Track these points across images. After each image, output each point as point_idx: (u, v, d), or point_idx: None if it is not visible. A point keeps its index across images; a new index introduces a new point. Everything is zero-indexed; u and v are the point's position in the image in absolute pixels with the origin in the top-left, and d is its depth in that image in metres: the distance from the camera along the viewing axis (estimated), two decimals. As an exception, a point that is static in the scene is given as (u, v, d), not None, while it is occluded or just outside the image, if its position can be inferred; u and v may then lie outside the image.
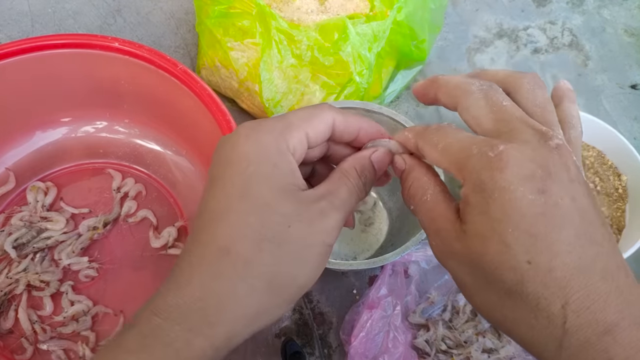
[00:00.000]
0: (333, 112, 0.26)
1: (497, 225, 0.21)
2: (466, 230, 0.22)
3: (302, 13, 0.53)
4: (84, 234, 0.51)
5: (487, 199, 0.21)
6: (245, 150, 0.24)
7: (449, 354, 0.49)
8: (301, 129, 0.25)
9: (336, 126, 0.27)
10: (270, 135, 0.24)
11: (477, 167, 0.22)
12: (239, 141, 0.24)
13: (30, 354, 0.46)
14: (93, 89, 0.52)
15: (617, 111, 0.69)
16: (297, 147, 0.25)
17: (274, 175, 0.24)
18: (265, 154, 0.24)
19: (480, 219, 0.21)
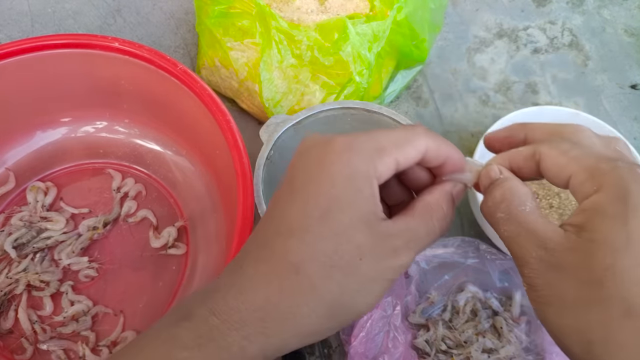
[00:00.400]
0: (427, 139, 0.25)
1: (636, 239, 0.20)
2: (592, 240, 0.21)
3: (302, 13, 0.53)
4: (84, 234, 0.51)
5: (629, 211, 0.21)
6: (334, 170, 0.24)
7: (449, 354, 0.49)
8: (392, 155, 0.24)
9: (427, 153, 0.25)
10: (360, 157, 0.24)
11: (625, 178, 0.21)
12: (329, 158, 0.24)
13: (30, 354, 0.46)
14: (93, 89, 0.52)
15: (617, 111, 0.69)
16: (384, 173, 0.24)
17: (356, 202, 0.23)
18: (352, 178, 0.23)
19: (618, 229, 0.21)
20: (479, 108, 0.67)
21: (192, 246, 0.52)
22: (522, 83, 0.70)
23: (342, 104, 0.48)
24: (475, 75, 0.70)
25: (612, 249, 0.21)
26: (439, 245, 0.50)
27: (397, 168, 0.25)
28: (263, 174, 0.44)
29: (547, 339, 0.48)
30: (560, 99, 0.69)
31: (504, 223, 0.24)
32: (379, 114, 0.48)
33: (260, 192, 0.43)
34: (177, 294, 0.49)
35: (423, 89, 0.68)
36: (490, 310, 0.51)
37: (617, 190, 0.21)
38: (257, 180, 0.44)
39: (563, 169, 0.24)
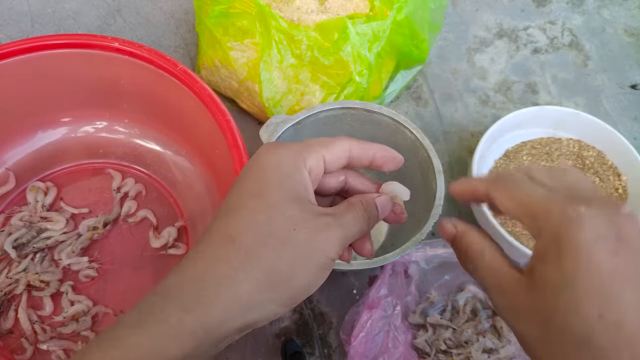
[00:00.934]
0: (350, 141, 0.29)
1: (572, 279, 0.22)
2: (537, 283, 0.24)
3: (302, 13, 0.53)
4: (84, 234, 0.51)
5: (564, 254, 0.23)
6: (264, 160, 0.27)
7: (449, 354, 0.49)
8: (319, 152, 0.27)
9: (353, 152, 0.29)
10: (289, 151, 0.27)
11: (557, 223, 0.24)
12: (260, 154, 0.27)
13: (30, 354, 0.46)
14: (93, 89, 0.52)
15: (617, 111, 0.69)
16: (314, 167, 0.27)
17: (286, 183, 0.26)
18: (282, 165, 0.26)
19: (555, 271, 0.23)
20: (479, 108, 0.67)
21: (192, 246, 0.52)
22: (522, 83, 0.70)
23: (342, 104, 0.48)
24: (475, 75, 0.70)
25: (553, 292, 0.23)
26: (439, 245, 0.50)
27: (327, 164, 0.28)
28: (263, 174, 0.44)
29: (547, 339, 0.48)
30: (560, 99, 0.69)
31: (474, 272, 0.27)
32: (379, 114, 0.48)
33: (260, 192, 0.43)
34: (177, 294, 0.49)
35: (423, 89, 0.68)
36: (490, 310, 0.51)
37: (551, 237, 0.24)
38: (257, 180, 0.43)
39: (512, 213, 0.26)
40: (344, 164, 0.29)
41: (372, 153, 0.29)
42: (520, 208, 0.26)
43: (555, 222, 0.24)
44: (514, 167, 0.60)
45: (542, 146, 0.61)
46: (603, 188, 0.59)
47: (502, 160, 0.61)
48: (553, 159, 0.60)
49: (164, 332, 0.23)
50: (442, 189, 0.44)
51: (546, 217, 0.24)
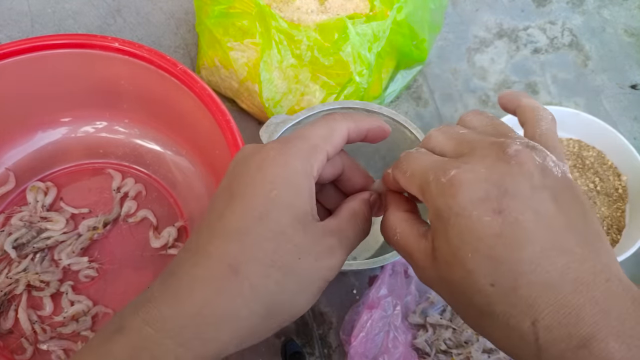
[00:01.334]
0: (347, 122, 0.27)
1: (457, 251, 0.21)
2: (436, 257, 0.23)
3: (302, 13, 0.53)
4: (84, 234, 0.51)
5: (445, 225, 0.22)
6: (272, 172, 0.24)
7: (449, 354, 0.49)
8: (324, 150, 0.25)
9: (350, 135, 0.27)
10: (297, 158, 0.24)
11: (434, 194, 0.23)
12: (266, 163, 0.24)
13: (30, 354, 0.46)
14: (93, 89, 0.52)
15: (617, 111, 0.69)
16: (319, 168, 0.25)
17: (295, 203, 0.24)
18: (291, 178, 0.24)
19: (443, 245, 0.22)
20: (479, 108, 0.67)
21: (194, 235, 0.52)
22: (522, 83, 0.70)
23: (342, 104, 0.48)
24: (475, 75, 0.70)
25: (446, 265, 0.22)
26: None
27: (328, 159, 0.26)
28: (263, 174, 0.44)
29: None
30: (560, 99, 0.69)
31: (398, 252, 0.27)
32: (379, 114, 0.48)
33: (260, 192, 0.43)
34: (177, 294, 0.49)
35: (423, 89, 0.68)
36: (490, 310, 0.51)
37: (433, 208, 0.23)
38: (257, 180, 0.43)
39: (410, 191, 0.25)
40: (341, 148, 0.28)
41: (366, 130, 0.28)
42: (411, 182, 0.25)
43: (432, 193, 0.23)
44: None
45: (542, 146, 0.61)
46: (603, 188, 0.59)
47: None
48: (553, 159, 0.60)
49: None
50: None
51: (427, 190, 0.23)
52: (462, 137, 0.25)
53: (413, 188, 0.24)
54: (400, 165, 0.26)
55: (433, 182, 0.23)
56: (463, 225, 0.21)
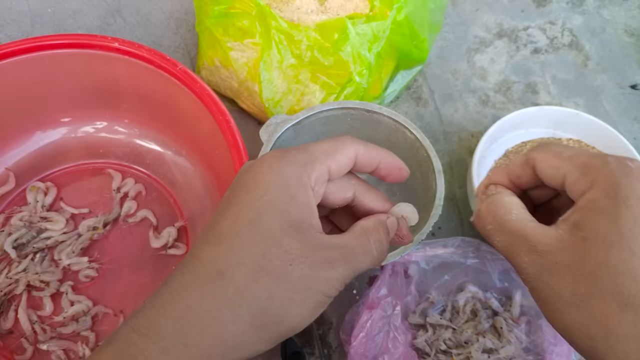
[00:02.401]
0: (356, 145, 0.26)
1: (628, 232, 0.21)
2: (585, 237, 0.22)
3: (302, 13, 0.53)
4: (84, 234, 0.51)
5: (620, 205, 0.21)
6: (265, 179, 0.24)
7: (449, 354, 0.49)
8: (324, 163, 0.25)
9: (358, 158, 0.26)
10: (293, 166, 0.24)
11: (615, 173, 0.22)
12: (261, 170, 0.24)
13: (30, 354, 0.46)
14: (93, 89, 0.52)
15: (617, 111, 0.69)
16: (319, 181, 0.25)
17: (288, 208, 0.23)
18: (285, 184, 0.23)
19: (608, 225, 0.21)
20: (479, 108, 0.67)
21: (191, 246, 0.52)
22: (522, 83, 0.70)
23: (342, 104, 0.48)
24: (475, 75, 0.70)
25: (605, 245, 0.21)
26: (439, 245, 0.50)
27: (331, 175, 0.25)
28: (263, 174, 0.44)
29: (547, 339, 0.48)
30: (560, 99, 0.69)
31: (495, 233, 0.25)
32: (378, 114, 0.48)
33: (260, 192, 0.43)
34: (177, 294, 0.49)
35: (423, 89, 0.68)
36: (490, 310, 0.51)
37: (608, 186, 0.22)
38: (257, 180, 0.43)
39: (558, 170, 0.25)
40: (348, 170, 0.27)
41: (378, 160, 0.27)
42: (568, 162, 0.24)
43: (613, 172, 0.22)
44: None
45: (542, 146, 0.61)
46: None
47: (502, 161, 0.61)
48: (553, 159, 0.60)
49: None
50: (442, 189, 0.44)
51: (602, 168, 0.23)
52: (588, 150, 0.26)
53: (571, 165, 0.24)
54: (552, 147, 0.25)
55: (616, 163, 0.22)
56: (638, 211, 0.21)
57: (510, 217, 0.25)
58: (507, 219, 0.25)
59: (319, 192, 0.25)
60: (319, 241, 0.23)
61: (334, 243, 0.24)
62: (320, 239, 0.24)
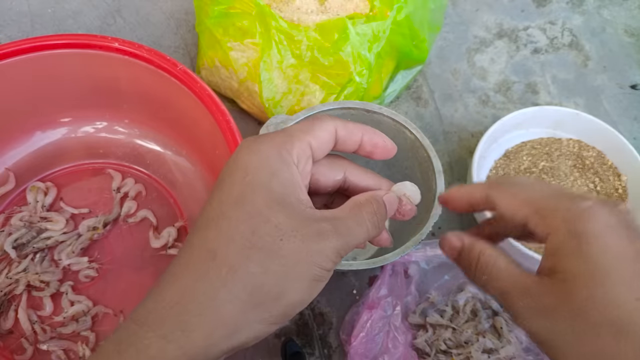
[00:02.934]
0: (334, 120, 0.26)
1: (600, 267, 0.22)
2: (564, 279, 0.23)
3: (302, 13, 0.53)
4: (84, 234, 0.51)
5: (585, 244, 0.23)
6: (245, 159, 0.24)
7: (449, 354, 0.49)
8: (303, 139, 0.25)
9: (338, 133, 0.26)
10: (271, 144, 0.24)
11: (570, 217, 0.24)
12: (240, 152, 0.24)
13: (30, 354, 0.46)
14: (93, 89, 0.52)
15: (617, 111, 0.69)
16: (301, 158, 0.25)
17: (271, 184, 0.23)
18: (265, 162, 0.24)
19: (581, 263, 0.23)
20: (479, 108, 0.67)
21: (192, 246, 0.52)
22: (522, 83, 0.70)
23: (342, 104, 0.48)
24: (475, 75, 0.70)
25: (583, 282, 0.22)
26: (439, 245, 0.50)
27: (314, 152, 0.25)
28: (263, 174, 0.44)
29: (547, 339, 0.48)
30: (560, 99, 0.69)
31: (489, 283, 0.26)
32: (379, 114, 0.48)
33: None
34: (177, 294, 0.49)
35: (423, 89, 0.68)
36: (490, 310, 0.51)
37: (566, 229, 0.24)
38: (257, 180, 0.43)
39: (517, 213, 0.26)
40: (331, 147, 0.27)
41: (360, 136, 0.27)
42: (525, 206, 0.25)
43: (567, 216, 0.24)
44: (514, 167, 0.60)
45: (542, 146, 0.61)
46: (603, 188, 0.59)
47: (502, 161, 0.61)
48: (553, 159, 0.60)
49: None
50: (442, 189, 0.44)
51: (556, 212, 0.24)
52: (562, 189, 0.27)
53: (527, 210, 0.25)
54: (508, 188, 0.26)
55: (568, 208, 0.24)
56: (605, 245, 0.22)
57: (499, 267, 0.26)
58: (497, 269, 0.26)
59: (305, 170, 0.25)
60: (309, 214, 0.23)
61: (324, 216, 0.24)
62: (310, 212, 0.24)
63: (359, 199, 0.26)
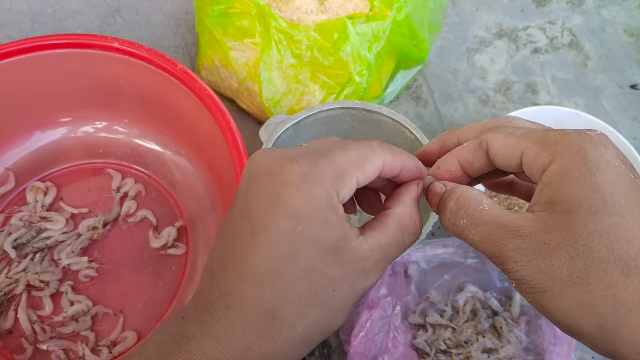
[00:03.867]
0: (384, 154, 0.25)
1: (610, 197, 0.20)
2: (569, 210, 0.20)
3: (302, 13, 0.53)
4: (84, 234, 0.51)
5: (593, 170, 0.21)
6: (295, 205, 0.22)
7: (449, 354, 0.49)
8: (353, 176, 0.24)
9: (384, 168, 0.25)
10: (323, 188, 0.23)
11: (578, 141, 0.22)
12: (288, 192, 0.22)
13: (30, 354, 0.46)
14: (93, 89, 0.52)
15: (617, 111, 0.69)
16: (347, 195, 0.24)
17: (323, 236, 0.22)
18: (317, 211, 0.22)
19: (588, 192, 0.20)
20: (479, 108, 0.67)
21: (192, 246, 0.52)
22: (522, 83, 0.70)
23: (342, 104, 0.48)
24: (475, 75, 0.70)
25: (591, 213, 0.20)
26: (439, 245, 0.50)
27: (358, 187, 0.24)
28: (263, 174, 0.44)
29: (547, 339, 0.48)
30: (560, 99, 0.69)
31: (470, 228, 0.23)
32: (378, 114, 0.48)
33: (260, 192, 0.43)
34: (177, 294, 0.49)
35: (423, 89, 0.68)
36: (490, 310, 0.51)
37: (573, 155, 0.21)
38: (257, 180, 0.43)
39: (514, 149, 0.24)
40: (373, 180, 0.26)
41: (400, 166, 0.26)
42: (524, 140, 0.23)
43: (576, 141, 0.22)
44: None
45: (542, 146, 0.61)
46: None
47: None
48: (553, 159, 0.60)
49: None
50: (442, 189, 0.44)
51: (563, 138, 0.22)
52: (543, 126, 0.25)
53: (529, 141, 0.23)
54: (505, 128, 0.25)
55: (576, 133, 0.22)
56: (616, 174, 0.21)
57: (483, 207, 0.23)
58: (481, 209, 0.23)
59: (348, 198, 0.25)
60: (356, 255, 0.23)
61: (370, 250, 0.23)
62: (358, 251, 0.23)
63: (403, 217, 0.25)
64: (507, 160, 0.24)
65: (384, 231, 0.24)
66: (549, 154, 0.22)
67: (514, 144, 0.24)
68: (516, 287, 0.22)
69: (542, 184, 0.22)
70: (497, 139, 0.25)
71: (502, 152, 0.24)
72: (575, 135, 0.22)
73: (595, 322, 0.20)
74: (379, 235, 0.24)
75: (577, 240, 0.20)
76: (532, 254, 0.21)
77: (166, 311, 0.49)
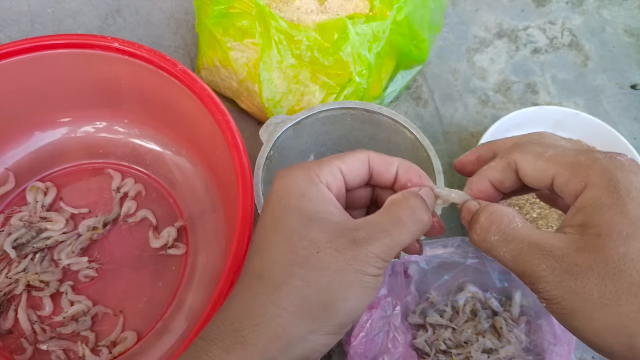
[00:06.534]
0: (368, 151, 0.28)
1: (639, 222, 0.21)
2: (599, 235, 0.21)
3: (302, 13, 0.53)
4: (84, 235, 0.51)
5: (625, 198, 0.21)
6: (278, 187, 0.26)
7: (449, 354, 0.49)
8: (332, 164, 0.26)
9: (373, 164, 0.27)
10: (300, 170, 0.26)
11: (608, 167, 0.22)
12: (275, 182, 0.27)
13: (30, 354, 0.46)
14: (93, 89, 0.52)
15: (617, 111, 0.69)
16: (330, 180, 0.26)
17: (302, 204, 0.25)
18: (295, 186, 0.25)
19: (619, 218, 0.21)
20: (479, 108, 0.67)
21: (192, 246, 0.52)
22: (522, 83, 0.70)
23: (342, 105, 0.48)
24: (475, 75, 0.70)
25: (621, 238, 0.21)
26: (439, 245, 0.50)
27: (346, 177, 0.27)
28: (263, 174, 0.44)
29: (547, 339, 0.48)
30: (560, 99, 0.69)
31: (501, 245, 0.24)
32: (379, 114, 0.48)
33: (260, 192, 0.43)
34: (177, 294, 0.49)
35: (423, 89, 0.68)
36: (490, 310, 0.51)
37: (606, 182, 0.22)
38: (257, 180, 0.44)
39: (544, 172, 0.24)
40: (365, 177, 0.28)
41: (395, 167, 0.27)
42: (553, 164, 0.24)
43: (606, 167, 0.22)
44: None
45: (542, 146, 0.61)
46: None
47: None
48: (553, 159, 0.60)
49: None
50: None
51: (593, 165, 0.23)
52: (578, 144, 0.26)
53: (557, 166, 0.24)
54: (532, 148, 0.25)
55: (606, 159, 0.23)
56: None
57: (516, 225, 0.24)
58: (513, 227, 0.24)
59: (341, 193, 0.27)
60: (343, 225, 0.25)
61: (357, 225, 0.25)
62: (344, 223, 0.25)
63: (395, 198, 0.26)
64: (537, 182, 0.25)
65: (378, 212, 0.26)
66: (580, 179, 0.23)
67: (544, 167, 0.25)
68: (546, 307, 0.23)
69: (574, 209, 0.23)
70: (526, 160, 0.25)
71: (532, 175, 0.25)
72: (607, 162, 0.23)
73: (626, 344, 0.21)
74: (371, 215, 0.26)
75: (608, 262, 0.21)
76: (564, 275, 0.22)
77: (166, 311, 0.49)
